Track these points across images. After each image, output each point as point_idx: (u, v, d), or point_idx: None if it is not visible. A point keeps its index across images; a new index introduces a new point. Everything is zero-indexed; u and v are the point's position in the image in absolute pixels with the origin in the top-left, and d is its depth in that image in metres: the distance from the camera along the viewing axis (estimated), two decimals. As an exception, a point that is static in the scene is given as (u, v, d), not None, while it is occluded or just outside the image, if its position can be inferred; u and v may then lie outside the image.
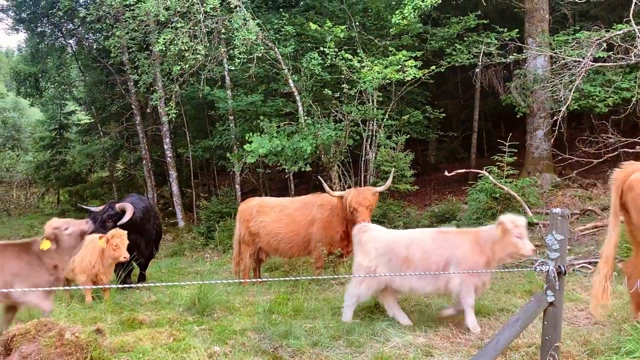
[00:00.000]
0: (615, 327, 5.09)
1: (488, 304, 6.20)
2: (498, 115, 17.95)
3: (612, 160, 12.50)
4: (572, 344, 4.73)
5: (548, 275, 3.34)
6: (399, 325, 5.59)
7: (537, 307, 3.33)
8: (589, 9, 14.78)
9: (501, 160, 10.26)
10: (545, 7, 13.80)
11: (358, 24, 14.30)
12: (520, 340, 4.81)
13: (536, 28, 13.65)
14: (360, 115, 12.60)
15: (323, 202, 8.33)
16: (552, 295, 3.34)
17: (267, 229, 8.41)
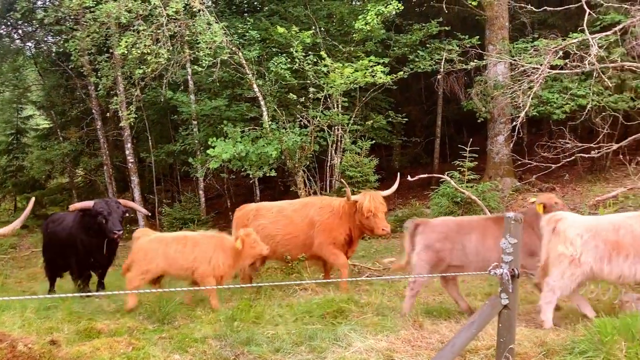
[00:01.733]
0: (571, 328, 5.21)
1: (449, 306, 6.27)
2: (460, 121, 18.25)
3: (569, 165, 12.91)
4: (529, 345, 4.81)
5: (502, 278, 3.40)
6: (361, 329, 5.59)
7: (491, 310, 3.39)
8: (547, 17, 15.19)
9: (462, 165, 10.44)
10: (505, 15, 14.13)
11: (323, 29, 14.36)
12: (480, 343, 4.87)
13: (496, 35, 13.96)
14: (325, 121, 12.64)
15: (323, 204, 8.10)
16: (506, 298, 3.40)
17: (265, 232, 8.00)
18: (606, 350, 4.17)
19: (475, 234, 6.10)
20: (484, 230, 6.10)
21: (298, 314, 6.28)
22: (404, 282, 7.86)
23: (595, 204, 10.58)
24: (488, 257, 5.83)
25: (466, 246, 6.06)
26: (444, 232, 6.23)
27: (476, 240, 6.06)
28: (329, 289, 7.35)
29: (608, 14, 12.26)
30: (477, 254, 6.01)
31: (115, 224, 7.73)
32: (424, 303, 6.71)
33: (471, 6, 13.65)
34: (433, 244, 6.20)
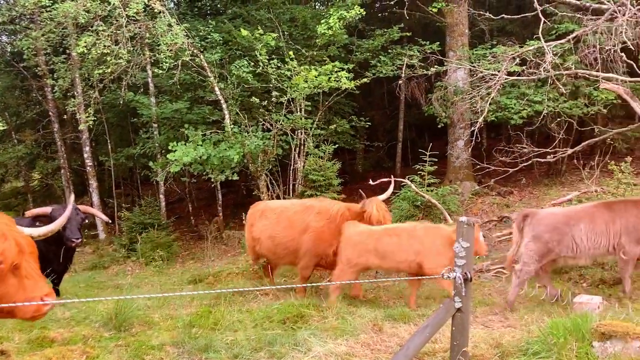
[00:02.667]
0: (525, 329, 5.32)
1: (408, 310, 6.33)
2: (422, 126, 18.48)
3: (526, 169, 13.22)
4: (485, 347, 4.89)
5: (455, 282, 3.45)
6: (320, 334, 5.59)
7: (445, 313, 3.43)
8: (505, 25, 15.55)
9: (422, 169, 10.57)
10: (465, 22, 14.40)
11: (286, 33, 14.35)
12: (437, 346, 4.93)
13: (456, 42, 14.22)
14: (288, 124, 12.62)
15: (322, 209, 7.61)
16: (459, 302, 3.45)
17: (267, 233, 7.87)
18: (558, 350, 4.28)
19: (584, 222, 6.20)
20: (593, 217, 6.21)
21: (258, 319, 6.24)
22: (365, 285, 7.93)
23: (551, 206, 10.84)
24: (598, 242, 6.08)
25: (575, 236, 6.18)
26: (552, 223, 6.33)
27: (585, 228, 6.17)
28: (290, 294, 7.32)
29: (563, 23, 12.64)
30: (588, 241, 6.15)
31: (74, 231, 7.45)
32: (384, 306, 6.76)
33: (432, 13, 13.87)
34: (541, 235, 6.30)
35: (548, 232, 6.23)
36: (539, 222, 6.33)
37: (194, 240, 14.26)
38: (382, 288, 7.76)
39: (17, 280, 3.22)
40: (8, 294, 3.17)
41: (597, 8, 9.98)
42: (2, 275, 3.14)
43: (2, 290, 3.16)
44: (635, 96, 9.80)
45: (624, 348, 4.13)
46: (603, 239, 6.05)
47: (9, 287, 3.18)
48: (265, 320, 6.15)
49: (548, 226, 6.26)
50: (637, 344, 4.11)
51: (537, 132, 13.67)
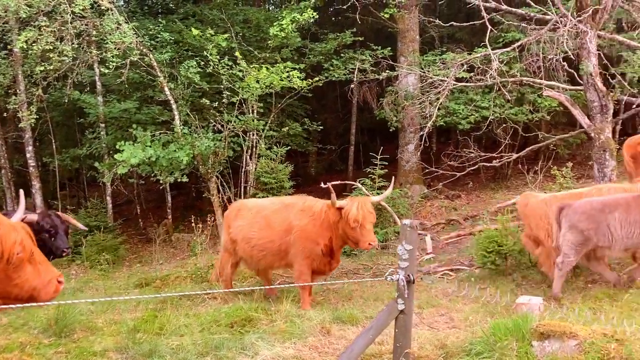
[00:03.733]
0: (470, 330, 5.44)
1: (357, 312, 6.36)
2: (374, 129, 18.68)
3: (474, 173, 13.57)
4: (430, 348, 4.97)
5: (398, 284, 3.49)
6: (268, 337, 5.55)
7: (388, 315, 3.47)
8: (455, 32, 15.92)
9: (374, 173, 10.68)
10: (416, 28, 14.66)
11: (239, 34, 14.23)
12: (383, 347, 4.97)
13: (408, 47, 14.45)
14: (240, 126, 12.51)
15: (305, 207, 7.10)
16: (402, 304, 3.49)
17: (242, 234, 7.35)
18: (499, 350, 4.38)
19: (619, 211, 6.16)
20: (628, 206, 6.18)
21: (205, 323, 6.15)
22: (316, 288, 7.93)
23: (496, 210, 11.16)
24: (632, 232, 6.06)
25: (610, 224, 6.15)
26: (587, 211, 6.30)
27: (620, 217, 6.13)
28: (239, 298, 7.25)
29: (509, 31, 13.05)
30: (622, 230, 6.11)
31: (64, 241, 7.13)
32: (333, 309, 6.78)
33: (384, 18, 14.04)
34: (577, 224, 6.28)
35: (584, 221, 6.23)
36: (574, 211, 6.32)
37: (142, 243, 13.92)
38: (332, 291, 7.78)
39: (33, 267, 3.50)
40: (28, 281, 3.46)
41: (541, 18, 10.34)
42: (22, 264, 3.41)
43: (23, 278, 3.43)
44: (575, 104, 10.22)
45: (561, 347, 4.27)
46: (637, 229, 6.02)
47: (28, 274, 3.45)
48: (212, 325, 6.08)
49: (584, 214, 6.25)
50: (573, 343, 4.26)
51: (484, 137, 14.03)
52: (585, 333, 4.32)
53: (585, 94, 9.94)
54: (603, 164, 9.72)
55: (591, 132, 9.80)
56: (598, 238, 6.18)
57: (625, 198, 6.32)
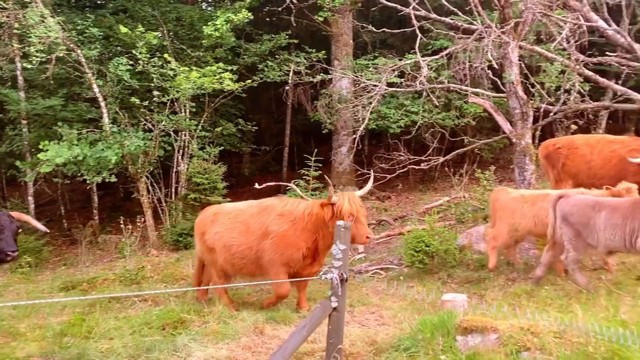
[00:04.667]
0: (399, 327, 5.64)
1: (290, 312, 6.44)
2: (308, 131, 18.84)
3: (403, 176, 13.97)
4: (361, 345, 5.12)
5: (332, 282, 3.60)
6: (201, 339, 5.53)
7: (322, 312, 3.57)
8: (387, 38, 16.34)
9: (308, 174, 10.80)
10: (350, 32, 14.93)
11: (171, 32, 13.98)
12: (316, 345, 5.08)
13: (341, 51, 14.70)
14: (171, 125, 12.30)
15: (284, 210, 6.72)
16: (335, 301, 3.60)
17: (222, 242, 6.89)
18: (425, 345, 4.59)
19: (606, 212, 6.06)
20: (613, 209, 6.06)
21: (136, 326, 6.05)
22: (248, 289, 7.95)
23: (424, 211, 11.56)
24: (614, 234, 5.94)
25: (597, 223, 6.06)
26: (579, 205, 6.26)
27: (605, 217, 6.02)
28: (170, 300, 7.15)
29: (438, 39, 13.55)
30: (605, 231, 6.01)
31: (10, 243, 6.49)
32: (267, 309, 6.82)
33: (318, 22, 14.22)
34: (568, 217, 6.26)
35: (575, 214, 6.19)
36: (568, 203, 6.30)
37: (67, 245, 13.37)
38: (265, 292, 7.82)
39: None
40: None
41: (468, 28, 10.80)
42: None
43: None
44: (499, 110, 10.76)
45: (482, 340, 4.52)
46: (618, 232, 5.89)
47: None
48: (143, 327, 5.98)
49: (575, 207, 6.22)
50: (494, 337, 4.53)
51: (413, 141, 14.48)
52: (504, 327, 4.60)
53: (507, 101, 10.47)
54: (523, 168, 10.27)
55: (513, 137, 10.33)
56: (586, 234, 6.12)
57: (613, 200, 6.33)
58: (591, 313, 5.05)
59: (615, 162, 8.29)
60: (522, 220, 7.21)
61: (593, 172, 8.65)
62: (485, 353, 4.38)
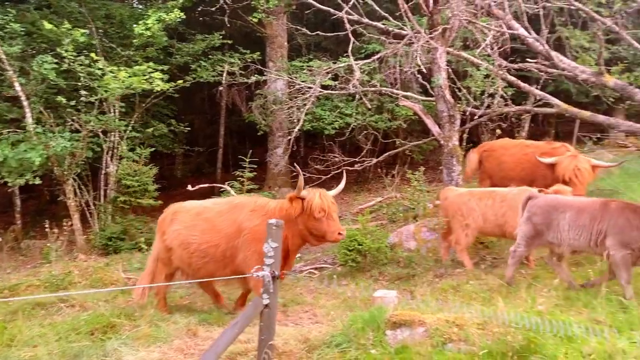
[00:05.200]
0: (331, 325, 5.74)
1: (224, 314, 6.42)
2: (243, 132, 18.76)
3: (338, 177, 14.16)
4: (294, 343, 5.18)
5: (264, 280, 3.64)
6: (132, 343, 5.42)
7: (254, 309, 3.61)
8: (321, 41, 16.52)
9: (242, 176, 10.77)
10: (284, 34, 15.01)
11: (100, 30, 13.54)
12: (250, 345, 5.09)
13: (276, 53, 14.75)
14: (100, 126, 11.92)
15: (256, 206, 6.46)
16: (267, 298, 3.65)
17: (180, 239, 6.52)
18: (357, 340, 4.72)
19: (570, 213, 6.06)
20: (579, 210, 6.05)
21: (62, 332, 5.84)
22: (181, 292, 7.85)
23: (358, 211, 11.79)
24: (579, 235, 5.95)
25: (560, 224, 6.07)
26: (543, 207, 6.25)
27: (570, 218, 6.02)
28: (99, 304, 6.94)
29: (371, 43, 13.86)
30: (570, 231, 6.02)
31: None
32: (200, 311, 6.77)
33: (252, 23, 14.20)
34: (532, 217, 6.25)
35: (539, 215, 6.24)
36: (535, 204, 6.35)
37: (-14, 251, 12.67)
38: (199, 294, 7.73)
39: None
40: None
41: (398, 33, 11.13)
42: None
43: None
44: (428, 113, 11.14)
45: (410, 334, 4.70)
46: (584, 233, 5.96)
47: None
48: (71, 333, 5.79)
49: (540, 209, 6.27)
50: (421, 330, 4.71)
51: (348, 142, 14.74)
52: (431, 320, 4.80)
53: (436, 104, 10.86)
54: (451, 169, 10.69)
55: (441, 139, 10.73)
56: (549, 234, 6.17)
57: (579, 201, 6.40)
58: (512, 305, 5.32)
59: (526, 165, 8.79)
60: (471, 216, 7.46)
61: (505, 173, 9.18)
62: (413, 346, 4.55)
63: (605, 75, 10.16)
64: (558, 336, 4.35)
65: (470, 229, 7.52)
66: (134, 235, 11.29)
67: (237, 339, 5.30)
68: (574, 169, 7.88)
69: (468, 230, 7.53)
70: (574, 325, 4.48)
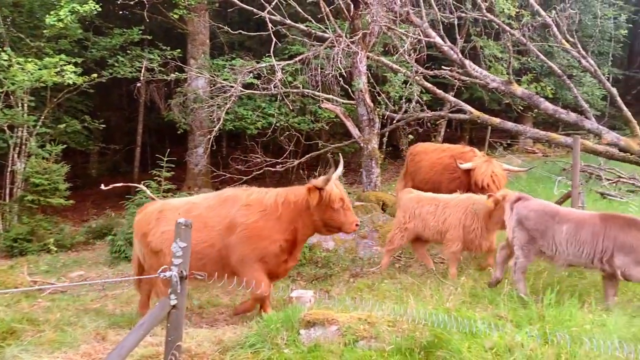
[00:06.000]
0: (247, 325, 5.70)
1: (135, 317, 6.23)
2: (162, 131, 18.31)
3: (261, 178, 14.13)
4: (208, 345, 5.11)
5: (172, 280, 3.58)
6: (35, 349, 5.15)
7: (161, 311, 3.53)
8: (245, 40, 16.41)
9: (159, 175, 10.50)
10: (206, 32, 14.78)
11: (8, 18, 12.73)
12: (160, 348, 4.95)
13: (198, 50, 14.50)
14: (5, 120, 11.23)
15: (251, 200, 6.00)
16: (174, 299, 3.58)
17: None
18: (270, 340, 4.72)
19: (568, 225, 5.70)
20: (579, 224, 5.71)
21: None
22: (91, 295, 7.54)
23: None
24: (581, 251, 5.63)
25: (556, 235, 5.70)
26: (537, 211, 5.86)
27: (567, 232, 5.67)
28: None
29: (294, 45, 13.92)
30: (568, 246, 5.66)
31: None
32: (111, 314, 6.53)
33: (174, 19, 13.87)
34: (524, 221, 5.85)
35: (532, 220, 5.84)
36: (526, 207, 5.95)
37: None
38: (110, 297, 7.47)
39: None
40: None
41: (321, 36, 11.26)
42: None
43: None
44: (349, 116, 11.35)
45: (323, 332, 4.75)
46: (586, 249, 5.64)
47: None
48: (-36, 341, 5.40)
49: (533, 212, 5.88)
50: (334, 328, 4.78)
51: (271, 143, 14.71)
52: (344, 319, 4.88)
53: (356, 108, 11.08)
54: (370, 171, 10.96)
55: (361, 142, 10.97)
56: (542, 243, 5.81)
57: (576, 214, 6.12)
58: (422, 303, 5.52)
59: (438, 169, 9.15)
60: (412, 221, 7.44)
61: (421, 175, 9.51)
62: (325, 344, 4.61)
63: (513, 84, 10.76)
64: (463, 332, 4.55)
65: (408, 232, 7.51)
66: (43, 236, 10.74)
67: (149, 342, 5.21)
68: (491, 174, 8.15)
69: (405, 233, 7.53)
70: (478, 321, 4.70)
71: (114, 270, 9.19)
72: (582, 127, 10.40)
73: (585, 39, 19.44)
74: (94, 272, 9.10)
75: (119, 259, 9.64)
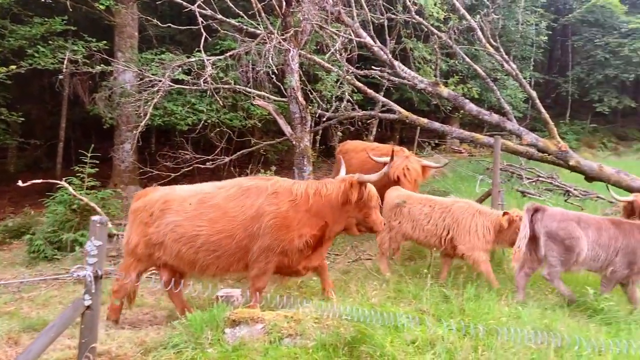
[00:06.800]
0: (171, 326, 5.57)
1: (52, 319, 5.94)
2: (88, 126, 17.55)
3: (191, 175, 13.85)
4: (130, 346, 4.98)
5: (86, 279, 3.44)
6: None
7: (74, 312, 3.39)
8: (175, 34, 15.99)
9: (82, 172, 10.10)
10: (135, 24, 14.30)
11: None
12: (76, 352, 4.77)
13: (125, 43, 14.01)
14: None
15: (279, 188, 5.70)
16: (89, 299, 3.45)
17: (179, 233, 5.58)
18: (194, 340, 4.64)
19: (592, 230, 5.89)
20: (599, 228, 5.92)
21: None
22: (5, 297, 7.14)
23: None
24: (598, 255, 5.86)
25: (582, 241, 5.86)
26: (565, 220, 5.95)
27: (592, 236, 5.87)
28: None
29: (226, 40, 13.73)
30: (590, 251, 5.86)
31: None
32: (25, 317, 6.20)
33: (100, 10, 13.33)
34: (557, 233, 5.90)
35: (563, 230, 5.92)
36: (552, 218, 6.01)
37: None
38: (26, 299, 7.10)
39: None
40: None
41: (253, 32, 11.15)
42: None
43: None
44: (281, 114, 11.31)
45: (249, 331, 4.73)
46: (603, 253, 5.87)
47: None
48: None
49: (563, 223, 5.96)
50: (260, 326, 4.77)
51: (202, 140, 14.43)
52: (270, 317, 4.88)
53: (289, 105, 11.05)
54: (302, 169, 10.95)
55: (293, 140, 10.95)
56: (578, 251, 5.88)
57: (598, 218, 6.27)
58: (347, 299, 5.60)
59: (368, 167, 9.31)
60: (401, 222, 7.32)
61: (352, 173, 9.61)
62: (250, 342, 4.59)
63: (440, 85, 11.09)
64: (387, 326, 4.64)
65: (394, 232, 7.40)
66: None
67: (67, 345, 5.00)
68: (403, 168, 8.46)
69: (391, 234, 7.41)
70: (402, 315, 4.81)
71: (31, 271, 8.76)
72: (504, 128, 10.86)
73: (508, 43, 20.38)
74: (9, 273, 8.63)
75: (37, 259, 9.20)
